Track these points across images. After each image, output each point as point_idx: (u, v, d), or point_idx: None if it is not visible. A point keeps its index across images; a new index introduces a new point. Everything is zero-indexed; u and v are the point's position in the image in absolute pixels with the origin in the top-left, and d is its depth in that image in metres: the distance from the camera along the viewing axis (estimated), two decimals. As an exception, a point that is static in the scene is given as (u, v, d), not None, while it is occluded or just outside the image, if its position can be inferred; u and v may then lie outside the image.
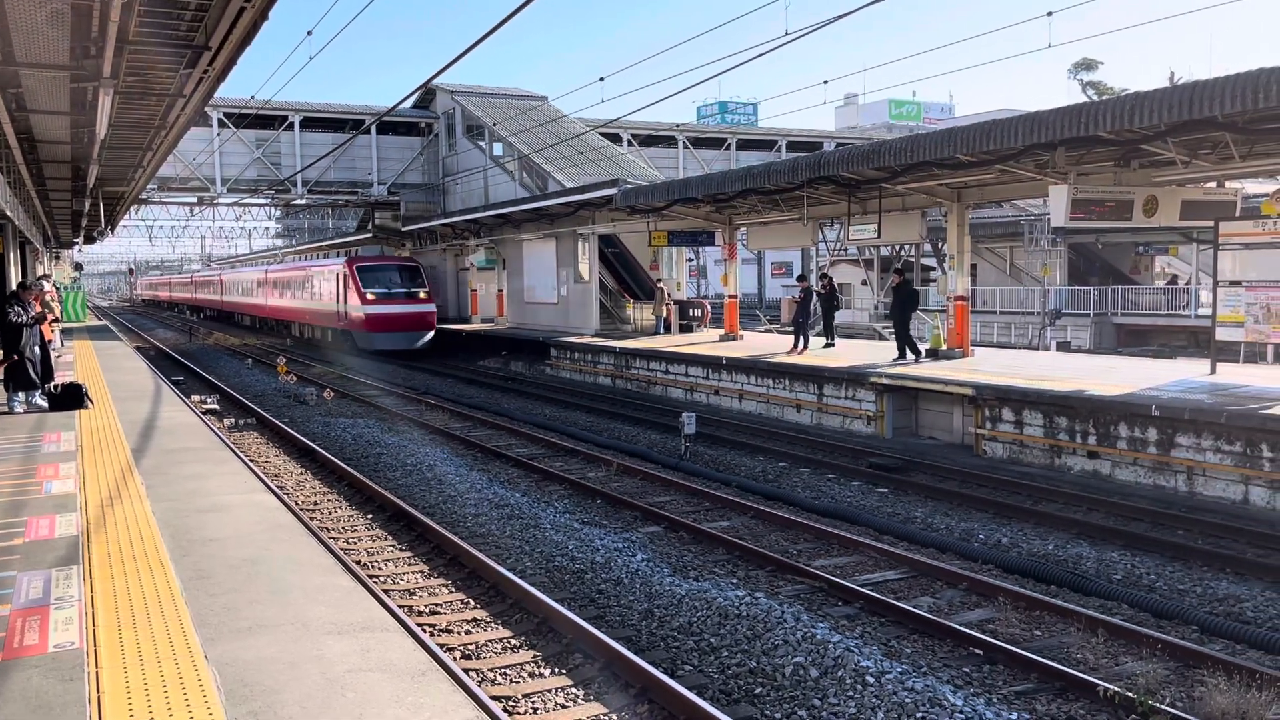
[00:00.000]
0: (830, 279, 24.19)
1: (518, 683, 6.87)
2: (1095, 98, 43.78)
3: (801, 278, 25.42)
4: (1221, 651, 7.28)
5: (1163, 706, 6.26)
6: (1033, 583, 9.01)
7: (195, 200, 40.55)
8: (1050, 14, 15.87)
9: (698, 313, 29.54)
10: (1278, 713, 6.25)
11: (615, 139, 40.33)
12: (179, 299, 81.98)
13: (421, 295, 33.33)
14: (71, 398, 13.32)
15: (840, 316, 27.83)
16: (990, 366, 17.14)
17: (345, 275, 33.94)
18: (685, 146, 45.97)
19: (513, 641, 7.60)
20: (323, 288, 37.02)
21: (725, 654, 7.29)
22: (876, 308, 41.66)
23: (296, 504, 11.76)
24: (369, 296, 32.42)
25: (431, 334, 33.11)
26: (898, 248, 39.19)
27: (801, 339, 21.38)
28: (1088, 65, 59.48)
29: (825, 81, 23.58)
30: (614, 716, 6.32)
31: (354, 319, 33.28)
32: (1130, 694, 6.38)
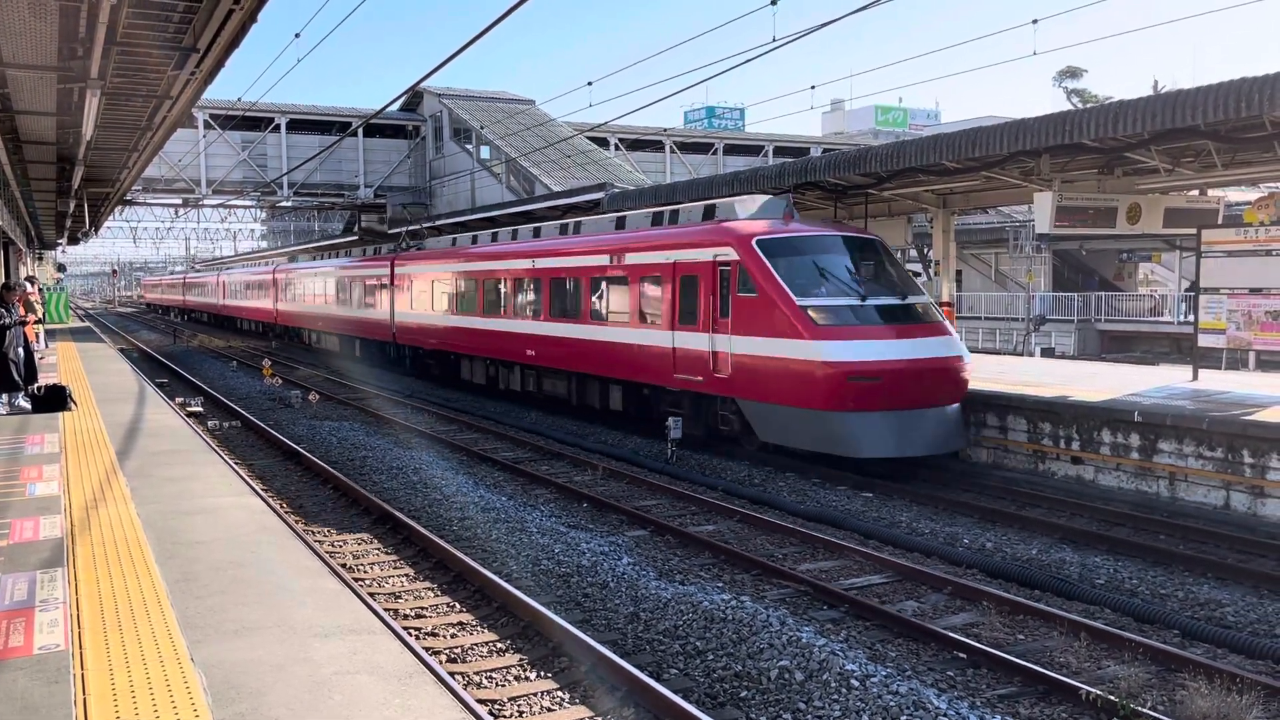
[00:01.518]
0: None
1: (504, 685, 6.87)
2: (1080, 105, 44.09)
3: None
4: (1203, 655, 7.34)
5: (1144, 710, 6.31)
6: (1016, 587, 9.07)
7: (180, 202, 40.42)
8: (1035, 22, 16.00)
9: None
10: (1258, 716, 6.31)
11: (603, 143, 40.41)
12: (245, 310, 47.76)
13: (920, 310, 14.58)
14: (55, 400, 13.25)
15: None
16: (974, 372, 17.21)
17: (736, 266, 14.45)
18: (672, 151, 46.06)
19: (499, 645, 7.61)
20: (649, 295, 16.57)
21: (711, 657, 7.31)
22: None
23: (282, 507, 11.73)
24: (813, 316, 13.53)
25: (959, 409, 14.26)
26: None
27: None
28: (1072, 73, 59.81)
29: (812, 87, 23.69)
30: (599, 719, 6.33)
31: (769, 371, 13.93)
32: (1113, 697, 6.44)
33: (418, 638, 7.63)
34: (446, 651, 7.45)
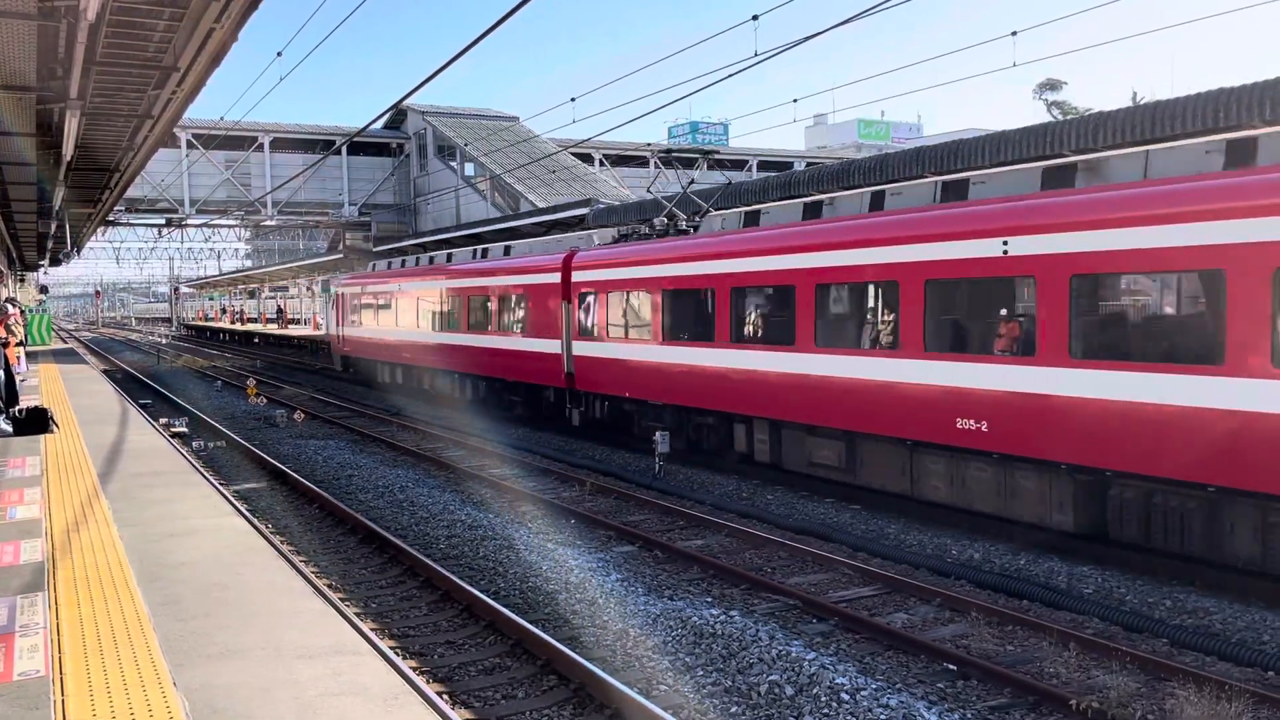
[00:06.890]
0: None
1: (492, 705, 6.82)
2: (1060, 117, 44.41)
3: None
4: (1191, 664, 7.34)
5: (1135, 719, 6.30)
6: (1005, 598, 9.06)
7: (164, 222, 40.25)
8: (1014, 34, 16.08)
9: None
10: (1247, 724, 6.31)
11: (587, 159, 40.50)
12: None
13: None
14: (36, 422, 13.12)
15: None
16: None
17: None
18: (656, 166, 46.17)
19: (486, 663, 7.55)
20: None
21: (700, 673, 7.27)
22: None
23: (267, 527, 11.63)
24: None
25: None
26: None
27: None
28: (1052, 85, 60.21)
29: (795, 100, 23.69)
30: (589, 738, 6.29)
31: None
32: (1103, 707, 6.43)
33: (404, 657, 7.57)
34: (434, 671, 7.40)
